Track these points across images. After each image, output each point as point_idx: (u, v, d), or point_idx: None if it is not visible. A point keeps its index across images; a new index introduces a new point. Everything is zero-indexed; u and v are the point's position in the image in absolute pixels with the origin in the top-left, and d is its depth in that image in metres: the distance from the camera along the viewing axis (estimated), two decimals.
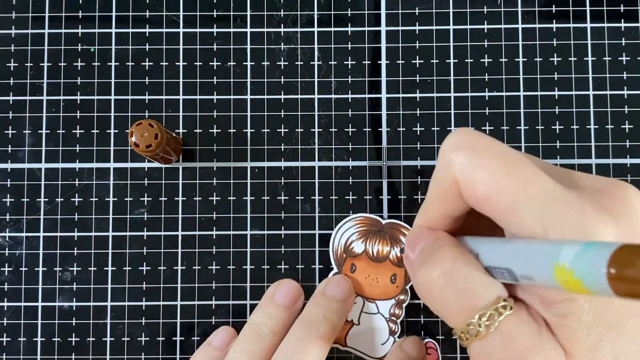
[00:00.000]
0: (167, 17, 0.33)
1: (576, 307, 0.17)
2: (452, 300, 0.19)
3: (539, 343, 0.18)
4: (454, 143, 0.19)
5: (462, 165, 0.19)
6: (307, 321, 0.28)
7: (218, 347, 0.30)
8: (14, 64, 0.33)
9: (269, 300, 0.30)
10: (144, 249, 0.32)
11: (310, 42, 0.33)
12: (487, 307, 0.19)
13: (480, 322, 0.19)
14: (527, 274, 0.17)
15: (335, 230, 0.31)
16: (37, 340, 0.31)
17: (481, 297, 0.19)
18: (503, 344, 0.18)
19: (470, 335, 0.19)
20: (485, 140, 0.19)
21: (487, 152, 0.19)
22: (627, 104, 0.32)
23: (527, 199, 0.18)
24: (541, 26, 0.33)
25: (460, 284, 0.19)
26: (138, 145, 0.27)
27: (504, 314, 0.18)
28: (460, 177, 0.19)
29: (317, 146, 0.32)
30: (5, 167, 0.32)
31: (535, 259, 0.17)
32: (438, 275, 0.20)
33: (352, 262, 0.31)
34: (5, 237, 0.32)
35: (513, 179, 0.18)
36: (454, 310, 0.20)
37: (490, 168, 0.18)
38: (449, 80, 0.32)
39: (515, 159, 0.18)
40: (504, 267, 0.18)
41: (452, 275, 0.20)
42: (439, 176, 0.20)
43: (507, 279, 0.18)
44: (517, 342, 0.18)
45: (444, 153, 0.19)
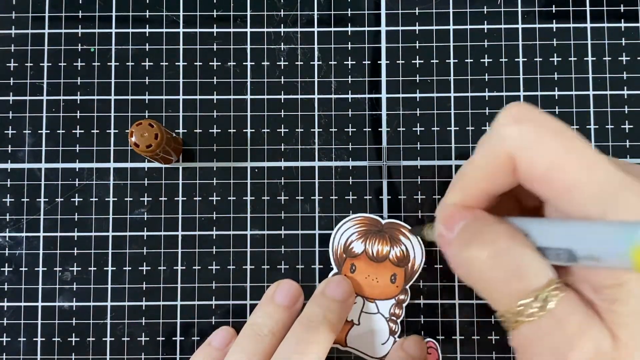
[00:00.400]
0: (167, 17, 0.33)
1: (625, 292, 0.17)
2: (503, 281, 0.19)
3: (587, 326, 0.18)
4: (512, 116, 0.19)
5: (521, 139, 0.18)
6: (307, 321, 0.28)
7: (218, 347, 0.30)
8: (14, 64, 0.33)
9: (269, 301, 0.30)
10: (144, 249, 0.32)
11: (310, 42, 0.33)
12: (541, 289, 0.18)
13: (533, 304, 0.18)
14: (594, 254, 0.17)
15: (334, 231, 0.31)
16: (37, 340, 0.31)
17: (534, 279, 0.18)
18: (553, 327, 0.18)
19: (521, 316, 0.18)
20: (544, 116, 0.19)
21: (547, 129, 0.18)
22: (627, 104, 0.32)
23: (588, 180, 0.17)
24: (541, 26, 0.33)
25: (512, 264, 0.19)
26: (138, 145, 0.27)
27: (559, 295, 0.18)
28: (519, 152, 0.18)
29: (317, 146, 0.32)
30: (5, 167, 0.32)
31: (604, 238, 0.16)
32: (488, 255, 0.19)
33: (352, 262, 0.31)
34: (5, 237, 0.32)
35: (575, 158, 0.18)
36: (503, 292, 0.19)
37: (551, 144, 0.18)
38: (449, 80, 0.32)
39: (577, 139, 0.18)
40: (563, 247, 0.18)
41: (503, 255, 0.19)
42: (490, 150, 0.19)
43: (563, 260, 0.18)
44: (568, 325, 0.18)
45: (500, 126, 0.19)
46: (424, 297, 0.31)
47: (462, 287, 0.31)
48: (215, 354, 0.29)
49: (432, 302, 0.31)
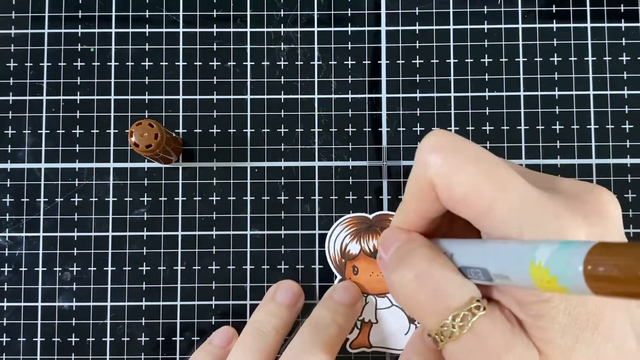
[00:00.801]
0: (167, 17, 0.33)
1: (550, 307, 0.17)
2: (426, 302, 0.20)
3: (512, 343, 0.18)
4: (432, 144, 0.19)
5: (438, 167, 0.19)
6: (315, 323, 0.28)
7: (219, 345, 0.30)
8: (14, 64, 0.33)
9: (271, 300, 0.30)
10: (144, 249, 0.32)
11: (310, 42, 0.33)
12: (460, 308, 0.19)
13: (454, 323, 0.19)
14: (503, 273, 0.17)
15: (327, 239, 0.31)
16: (37, 340, 0.31)
17: (454, 298, 0.19)
18: (476, 344, 0.18)
19: (444, 336, 0.19)
20: (463, 143, 0.19)
21: (464, 155, 0.19)
22: (627, 104, 0.32)
23: (503, 201, 0.18)
24: (541, 26, 0.33)
25: (433, 285, 0.19)
26: (138, 145, 0.27)
27: (477, 314, 0.19)
28: (437, 179, 0.19)
29: (317, 146, 0.32)
30: (5, 167, 0.32)
31: (510, 258, 0.17)
32: (411, 277, 0.20)
33: (353, 264, 0.31)
34: (5, 237, 0.32)
35: (490, 182, 0.18)
36: (427, 312, 0.20)
37: (467, 171, 0.18)
38: (449, 80, 0.32)
39: (492, 162, 0.19)
40: (478, 267, 0.18)
41: (425, 277, 0.20)
42: (415, 177, 0.20)
43: (482, 279, 0.19)
44: (490, 342, 0.18)
45: (421, 154, 0.19)
46: None
47: None
48: (217, 352, 0.29)
49: None
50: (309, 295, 0.31)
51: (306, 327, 0.28)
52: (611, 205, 0.19)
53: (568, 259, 0.14)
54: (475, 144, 0.19)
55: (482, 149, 0.19)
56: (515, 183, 0.18)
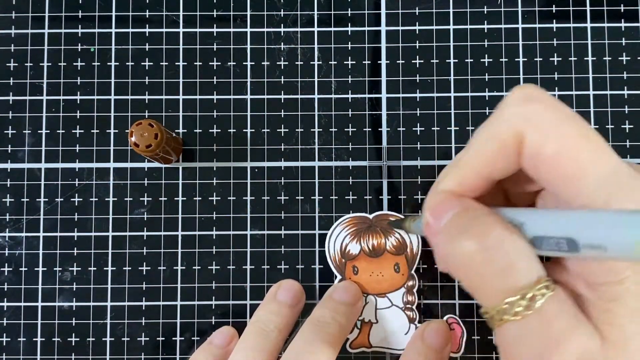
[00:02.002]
0: (167, 17, 0.33)
1: (624, 290, 0.17)
2: (491, 276, 0.18)
3: (575, 327, 0.17)
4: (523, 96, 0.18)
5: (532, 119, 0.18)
6: (316, 322, 0.27)
7: (219, 345, 0.30)
8: (14, 64, 0.33)
9: (272, 299, 0.30)
10: (144, 249, 0.32)
11: (310, 42, 0.33)
12: (529, 287, 0.18)
13: (521, 302, 0.18)
14: (598, 243, 0.16)
15: (327, 239, 0.31)
16: (37, 340, 0.31)
17: (523, 276, 0.18)
18: (540, 326, 0.18)
19: (507, 314, 0.18)
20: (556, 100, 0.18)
21: (559, 111, 0.18)
22: (627, 104, 0.32)
23: (597, 167, 0.17)
24: (541, 26, 0.33)
25: (502, 260, 0.18)
26: (138, 145, 0.27)
27: (546, 294, 0.18)
28: (529, 131, 0.18)
29: (317, 146, 0.32)
30: (5, 167, 0.32)
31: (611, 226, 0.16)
32: (477, 248, 0.18)
33: (353, 264, 0.31)
34: (5, 237, 0.32)
35: (586, 143, 0.17)
36: (491, 288, 0.18)
37: (563, 127, 0.17)
38: (449, 80, 0.32)
39: (589, 127, 0.18)
40: (564, 236, 0.17)
41: (494, 250, 0.18)
42: (496, 130, 0.19)
43: (564, 250, 0.17)
44: (554, 325, 0.17)
45: (510, 105, 0.18)
46: (424, 297, 0.31)
47: (462, 287, 0.31)
48: (217, 352, 0.29)
49: (432, 302, 0.31)
50: (309, 295, 0.31)
51: (307, 326, 0.27)
52: None
53: None
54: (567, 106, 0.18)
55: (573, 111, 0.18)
56: (610, 153, 0.17)
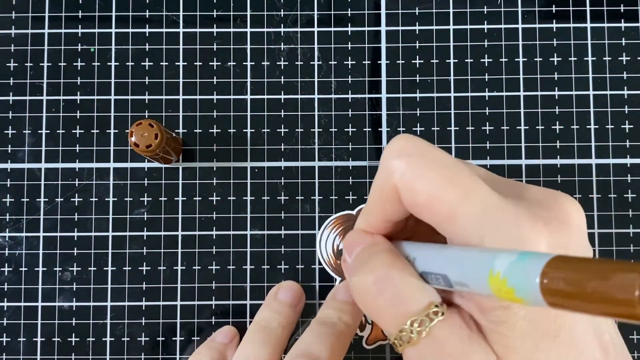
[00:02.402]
0: (167, 17, 0.33)
1: (511, 314, 0.17)
2: (385, 306, 0.20)
3: (470, 349, 0.18)
4: (396, 149, 0.19)
5: (402, 173, 0.19)
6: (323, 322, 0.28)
7: (222, 342, 0.30)
8: (14, 64, 0.33)
9: (273, 299, 0.30)
10: (144, 249, 0.32)
11: (310, 42, 0.33)
12: (419, 313, 0.19)
13: (412, 329, 0.19)
14: (462, 281, 0.17)
15: (317, 245, 0.31)
16: (37, 340, 0.31)
17: (413, 303, 0.19)
18: (434, 349, 0.18)
19: (403, 341, 0.19)
20: (427, 148, 0.19)
21: (427, 160, 0.19)
22: (627, 104, 0.32)
23: (465, 207, 0.18)
24: (541, 26, 0.33)
25: (392, 290, 0.20)
26: (138, 145, 0.27)
27: (435, 319, 0.19)
28: (401, 184, 0.19)
29: (317, 146, 0.32)
30: (5, 167, 0.32)
31: (470, 266, 0.17)
32: (371, 282, 0.20)
33: None
34: (5, 237, 0.32)
35: (452, 187, 0.18)
36: (386, 317, 0.20)
37: (430, 176, 0.18)
38: (449, 80, 0.32)
39: (456, 168, 0.19)
40: (440, 273, 0.18)
41: (384, 282, 0.20)
42: (379, 182, 0.20)
43: (442, 285, 0.19)
44: (447, 347, 0.18)
45: (386, 159, 0.20)
46: None
47: None
48: (221, 348, 0.29)
49: None
50: (309, 295, 0.31)
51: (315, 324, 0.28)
52: (574, 213, 0.19)
53: (525, 270, 0.14)
54: (441, 150, 0.19)
55: (447, 154, 0.19)
56: (478, 189, 0.18)
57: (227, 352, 0.29)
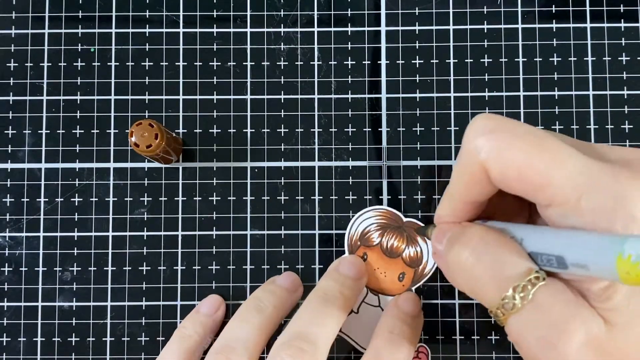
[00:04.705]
0: (167, 17, 0.33)
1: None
2: (484, 276, 0.20)
3: (576, 312, 0.18)
4: (478, 128, 0.19)
5: (489, 149, 0.19)
6: (322, 293, 0.27)
7: (207, 313, 0.30)
8: (14, 64, 0.33)
9: (271, 282, 0.30)
10: (144, 249, 0.32)
11: (310, 42, 0.33)
12: (520, 278, 0.19)
13: (514, 295, 0.19)
14: (582, 262, 0.17)
15: (355, 217, 0.31)
16: (37, 340, 0.31)
17: (512, 268, 0.19)
18: (540, 315, 0.18)
19: (506, 310, 0.19)
20: (509, 122, 0.19)
21: (513, 133, 0.19)
22: (627, 104, 0.32)
23: (559, 171, 0.18)
24: (541, 26, 0.33)
25: (490, 257, 0.20)
26: (138, 145, 0.27)
27: (537, 284, 0.18)
28: (490, 161, 0.19)
29: (317, 146, 0.32)
30: (5, 167, 0.32)
31: (594, 248, 0.17)
32: (467, 253, 0.20)
33: (365, 251, 0.31)
34: (5, 237, 0.32)
35: (544, 155, 0.18)
36: (487, 286, 0.20)
37: (519, 147, 0.18)
38: (449, 80, 0.32)
39: (543, 136, 0.19)
40: (554, 254, 0.18)
41: (482, 249, 0.20)
42: (464, 163, 0.20)
43: (554, 266, 0.18)
44: (553, 312, 0.18)
45: (469, 139, 0.19)
46: (424, 297, 0.31)
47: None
48: (205, 320, 0.30)
49: (432, 302, 0.31)
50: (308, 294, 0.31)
51: (314, 297, 0.27)
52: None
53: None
54: (522, 122, 0.19)
55: (528, 125, 0.19)
56: (569, 153, 0.18)
57: (212, 324, 0.30)
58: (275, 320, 0.28)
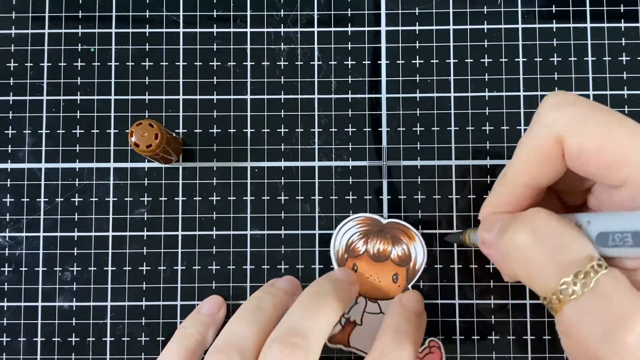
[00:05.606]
0: (167, 17, 0.33)
1: None
2: (544, 258, 0.18)
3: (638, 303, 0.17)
4: (554, 102, 0.19)
5: (567, 121, 0.18)
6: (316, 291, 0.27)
7: (208, 313, 0.30)
8: (14, 64, 0.33)
9: (271, 285, 0.30)
10: (144, 249, 0.32)
11: (310, 42, 0.33)
12: (583, 264, 0.18)
13: (575, 281, 0.18)
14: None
15: (336, 231, 0.31)
16: (37, 340, 0.31)
17: (575, 253, 0.18)
18: (600, 304, 0.17)
19: (563, 296, 0.18)
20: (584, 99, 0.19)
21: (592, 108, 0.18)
22: (627, 104, 0.32)
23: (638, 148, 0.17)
24: (541, 26, 0.33)
25: (552, 240, 0.18)
26: (138, 145, 0.27)
27: (600, 272, 0.18)
28: (568, 132, 0.18)
29: (317, 146, 0.32)
30: (5, 167, 0.32)
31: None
32: (527, 234, 0.19)
33: (354, 261, 0.31)
34: (5, 237, 0.32)
35: (625, 129, 0.18)
36: (545, 270, 0.18)
37: (598, 120, 0.18)
38: (449, 80, 0.32)
39: (620, 114, 0.18)
40: (630, 230, 0.17)
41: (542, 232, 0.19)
42: (537, 137, 0.19)
43: (628, 244, 0.18)
44: (615, 301, 0.17)
45: (545, 112, 0.19)
46: (424, 297, 0.31)
47: (461, 287, 0.31)
48: (206, 320, 0.30)
49: (432, 302, 0.31)
50: None
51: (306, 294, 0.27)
52: None
53: None
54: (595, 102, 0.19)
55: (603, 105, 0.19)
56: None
57: (213, 325, 0.30)
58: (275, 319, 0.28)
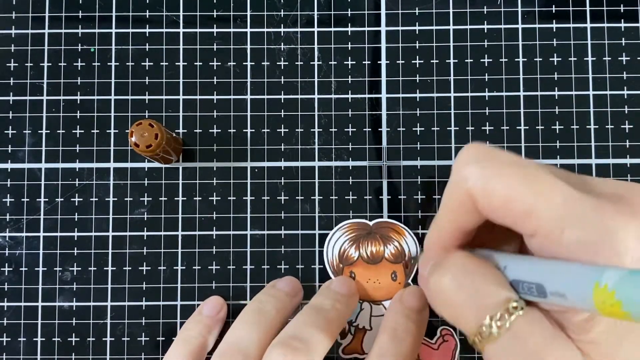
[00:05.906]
0: (167, 17, 0.33)
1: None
2: (463, 302, 0.20)
3: (553, 344, 0.18)
4: (466, 158, 0.20)
5: (476, 177, 0.19)
6: (316, 306, 0.27)
7: (209, 315, 0.30)
8: (14, 64, 0.33)
9: (272, 286, 0.30)
10: (144, 249, 0.32)
11: (310, 42, 0.33)
12: (498, 307, 0.19)
13: (491, 323, 0.19)
14: (561, 291, 0.17)
15: (325, 244, 0.31)
16: (37, 340, 0.31)
17: (492, 297, 0.19)
18: (516, 345, 0.18)
19: (482, 338, 0.19)
20: (498, 153, 0.19)
21: (500, 162, 0.19)
22: (627, 104, 0.32)
23: (543, 202, 0.18)
24: (541, 26, 0.33)
25: (470, 285, 0.20)
26: (138, 145, 0.27)
27: (515, 314, 0.18)
28: (476, 189, 0.19)
29: (317, 146, 0.32)
30: (5, 167, 0.32)
31: (573, 276, 0.17)
32: (448, 279, 0.20)
33: (350, 269, 0.31)
34: (5, 237, 0.32)
35: (529, 185, 0.18)
36: (465, 314, 0.20)
37: (505, 177, 0.18)
38: (449, 80, 0.32)
39: (529, 166, 0.19)
40: (534, 281, 0.18)
41: (461, 277, 0.20)
42: (452, 191, 0.20)
43: (535, 295, 0.18)
44: (530, 342, 0.18)
45: (458, 169, 0.20)
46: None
47: None
48: (208, 322, 0.30)
49: None
50: (308, 295, 0.31)
51: (307, 308, 0.27)
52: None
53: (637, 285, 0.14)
54: (511, 153, 0.19)
55: (518, 156, 0.19)
56: (554, 184, 0.18)
57: (215, 326, 0.30)
58: (277, 323, 0.28)
